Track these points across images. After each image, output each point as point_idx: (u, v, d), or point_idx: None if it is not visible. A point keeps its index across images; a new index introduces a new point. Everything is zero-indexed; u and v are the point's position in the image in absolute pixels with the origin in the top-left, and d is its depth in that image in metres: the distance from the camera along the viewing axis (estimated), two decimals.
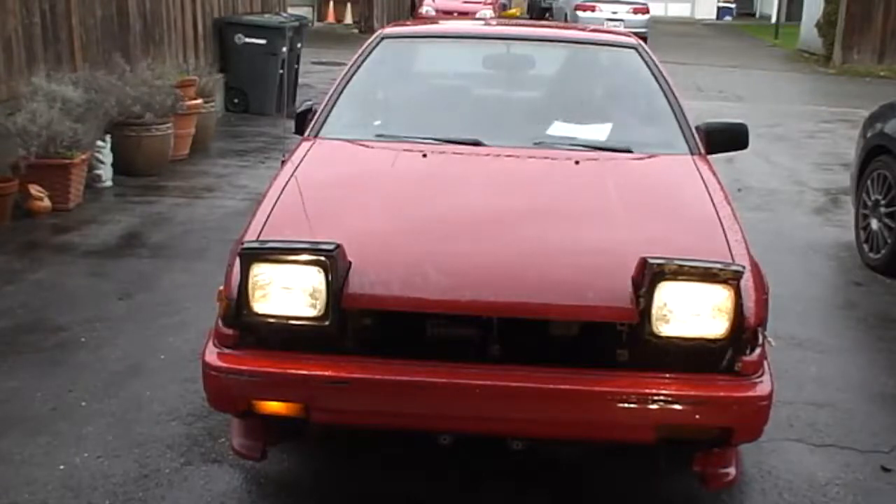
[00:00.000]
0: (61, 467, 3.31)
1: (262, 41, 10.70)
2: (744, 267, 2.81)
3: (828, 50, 20.23)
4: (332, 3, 25.12)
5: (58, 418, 3.66)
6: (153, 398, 3.83)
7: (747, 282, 2.81)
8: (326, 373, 2.75)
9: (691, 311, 2.72)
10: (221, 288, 2.90)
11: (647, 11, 23.89)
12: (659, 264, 2.67)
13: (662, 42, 22.89)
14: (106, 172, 7.32)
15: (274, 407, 2.85)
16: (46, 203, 6.37)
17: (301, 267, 2.74)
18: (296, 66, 11.57)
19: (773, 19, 30.91)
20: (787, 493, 3.34)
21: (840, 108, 13.45)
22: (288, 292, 2.76)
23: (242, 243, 2.87)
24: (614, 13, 22.87)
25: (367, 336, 2.86)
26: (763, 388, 2.79)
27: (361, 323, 2.85)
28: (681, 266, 2.68)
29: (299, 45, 11.56)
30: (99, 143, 7.16)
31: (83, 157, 6.72)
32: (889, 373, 4.49)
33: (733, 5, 38.96)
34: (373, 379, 2.74)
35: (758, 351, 2.82)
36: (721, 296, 2.71)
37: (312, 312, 2.75)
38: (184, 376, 3.98)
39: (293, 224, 3.10)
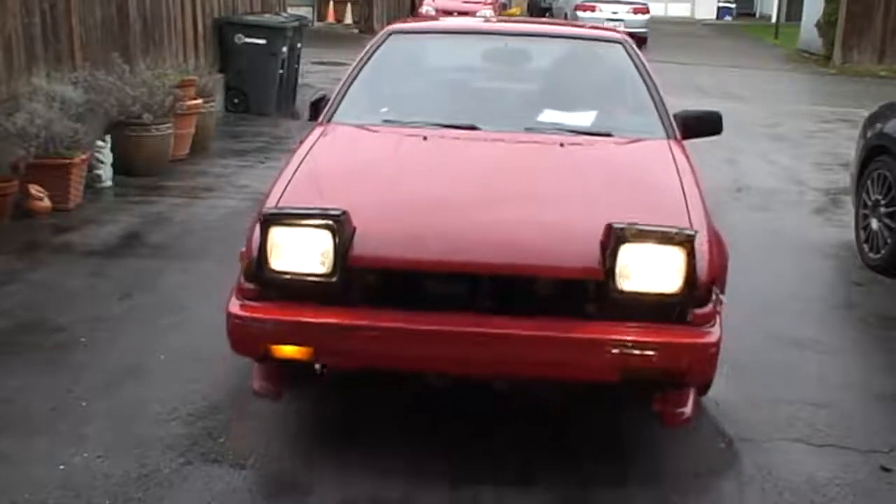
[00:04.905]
0: (61, 467, 3.30)
1: (262, 41, 10.70)
2: (697, 232, 3.15)
3: (828, 50, 20.24)
4: (332, 3, 25.10)
5: (58, 418, 3.66)
6: (153, 398, 3.82)
7: (702, 245, 3.17)
8: (333, 320, 3.14)
9: (650, 270, 3.09)
10: (243, 250, 3.30)
11: (647, 11, 23.92)
12: (621, 228, 3.06)
13: (663, 42, 22.90)
14: (106, 172, 7.31)
15: (288, 351, 3.21)
16: (46, 203, 6.37)
17: (312, 230, 3.14)
18: (296, 66, 11.56)
19: (773, 19, 30.93)
20: (787, 493, 3.33)
21: (840, 108, 13.45)
22: (301, 252, 3.15)
23: (263, 209, 3.26)
24: (614, 13, 22.89)
25: (369, 291, 3.22)
26: (712, 336, 3.16)
27: (365, 279, 3.22)
28: (640, 230, 3.07)
29: (299, 45, 11.56)
30: (99, 143, 7.15)
31: (83, 157, 6.71)
32: (889, 373, 4.48)
33: (733, 5, 38.98)
34: (373, 325, 3.12)
35: (710, 305, 3.19)
36: (676, 256, 3.06)
37: (322, 270, 3.13)
38: (184, 376, 3.98)
39: (307, 194, 3.48)
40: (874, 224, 6.04)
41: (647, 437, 3.68)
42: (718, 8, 39.07)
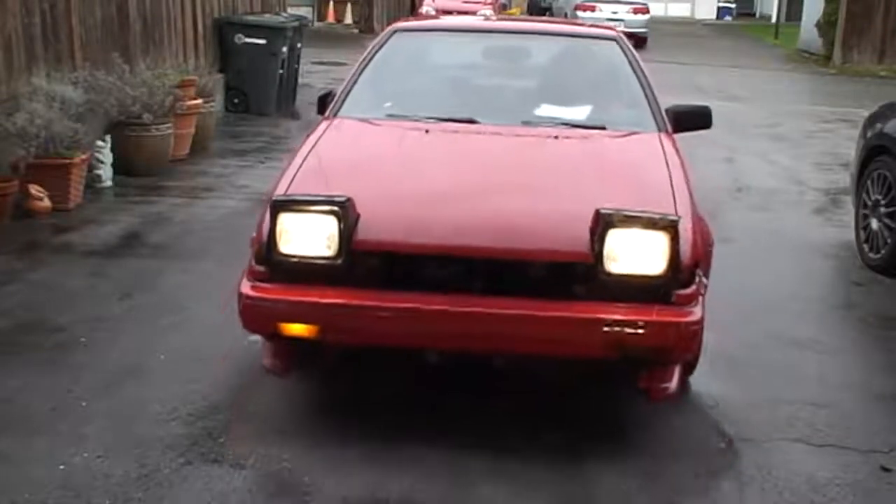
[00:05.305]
0: (61, 467, 3.30)
1: (262, 41, 10.69)
2: (680, 217, 3.31)
3: (828, 50, 20.23)
4: (332, 3, 25.08)
5: (58, 418, 3.66)
6: (153, 398, 3.82)
7: (685, 231, 3.33)
8: (338, 300, 3.31)
9: (636, 253, 3.26)
10: (254, 235, 3.47)
11: (647, 11, 23.91)
12: (609, 214, 3.24)
13: (663, 42, 22.91)
14: (106, 172, 7.31)
15: (295, 329, 3.38)
16: (46, 203, 6.37)
17: (319, 216, 3.33)
18: (296, 66, 11.56)
19: (773, 19, 30.91)
20: (787, 493, 3.33)
21: (840, 108, 13.44)
22: (308, 236, 3.34)
23: (273, 197, 3.45)
24: (614, 13, 22.88)
25: (373, 273, 3.38)
26: (695, 315, 3.31)
27: (368, 262, 3.37)
28: (627, 216, 3.25)
29: (299, 45, 11.55)
30: (99, 143, 7.15)
31: (83, 157, 6.71)
32: (889, 373, 4.48)
33: (733, 5, 38.96)
34: (376, 305, 3.30)
35: (692, 287, 3.35)
36: (660, 240, 3.24)
37: (328, 253, 3.32)
38: (184, 376, 3.97)
39: (314, 183, 3.66)
40: (874, 224, 6.04)
41: (648, 438, 3.69)
42: (718, 8, 39.05)
